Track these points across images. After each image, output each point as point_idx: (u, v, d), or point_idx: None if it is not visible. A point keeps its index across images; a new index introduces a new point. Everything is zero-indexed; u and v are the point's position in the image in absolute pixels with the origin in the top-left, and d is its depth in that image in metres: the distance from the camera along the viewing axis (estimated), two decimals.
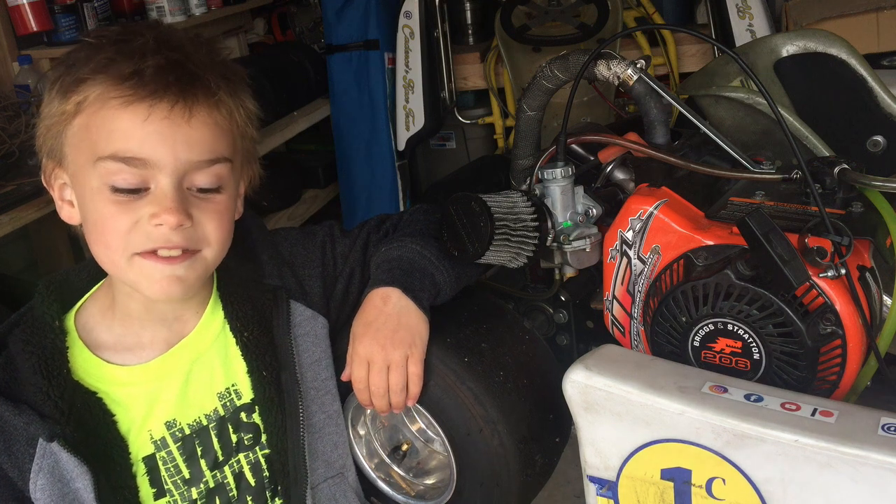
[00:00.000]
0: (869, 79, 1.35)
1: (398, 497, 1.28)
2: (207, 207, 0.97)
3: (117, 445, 1.00)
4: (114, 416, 1.00)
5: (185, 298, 1.04)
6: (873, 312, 1.04)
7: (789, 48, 1.43)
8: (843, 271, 0.98)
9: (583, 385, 1.00)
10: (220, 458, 1.06)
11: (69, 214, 1.00)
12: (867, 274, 1.05)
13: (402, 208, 3.11)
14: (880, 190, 1.07)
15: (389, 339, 1.06)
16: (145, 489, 1.02)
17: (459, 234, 1.14)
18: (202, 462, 1.05)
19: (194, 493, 1.05)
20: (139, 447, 1.02)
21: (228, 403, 1.07)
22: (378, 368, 1.07)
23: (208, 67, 0.96)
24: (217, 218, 0.98)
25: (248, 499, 1.08)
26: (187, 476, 1.04)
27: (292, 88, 3.14)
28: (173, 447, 1.04)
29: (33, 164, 2.03)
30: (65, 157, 0.96)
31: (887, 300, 1.06)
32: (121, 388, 1.01)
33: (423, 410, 1.15)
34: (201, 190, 0.97)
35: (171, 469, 1.04)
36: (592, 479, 1.04)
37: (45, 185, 1.02)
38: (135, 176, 0.92)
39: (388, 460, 1.30)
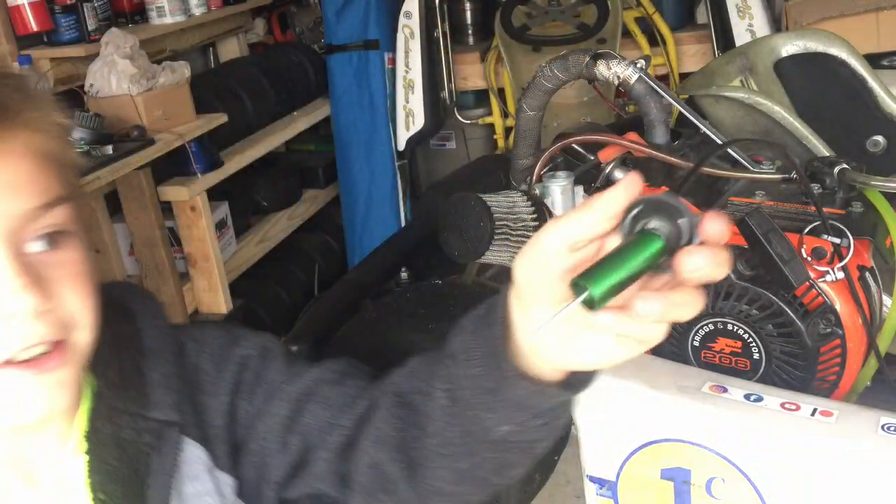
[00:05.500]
0: (869, 79, 1.35)
1: None
2: (60, 272, 0.64)
3: None
4: None
5: (45, 420, 0.66)
6: (873, 312, 1.04)
7: (789, 48, 1.43)
8: (840, 275, 0.98)
9: None
10: None
11: None
12: (867, 274, 1.05)
13: (401, 208, 3.11)
14: (880, 190, 1.06)
15: None
16: None
17: (459, 234, 1.14)
18: None
19: None
20: None
21: None
22: None
23: None
24: (77, 281, 0.65)
25: None
26: None
27: (292, 88, 3.13)
28: None
29: None
30: None
31: (887, 300, 1.06)
32: None
33: None
34: (43, 250, 0.64)
35: None
36: (592, 479, 1.04)
37: None
38: None
39: None
